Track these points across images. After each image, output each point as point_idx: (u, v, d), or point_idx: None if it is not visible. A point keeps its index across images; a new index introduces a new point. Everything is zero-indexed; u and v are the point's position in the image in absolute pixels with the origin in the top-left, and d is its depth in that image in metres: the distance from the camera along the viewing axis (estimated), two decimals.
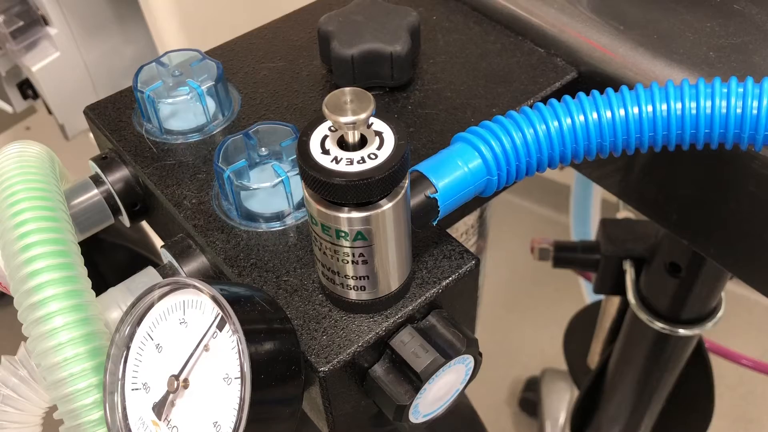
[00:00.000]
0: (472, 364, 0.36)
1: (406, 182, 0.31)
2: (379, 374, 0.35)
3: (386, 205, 0.30)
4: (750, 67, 0.42)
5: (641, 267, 0.68)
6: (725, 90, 0.33)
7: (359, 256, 0.32)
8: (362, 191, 0.29)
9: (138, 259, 0.57)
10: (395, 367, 0.35)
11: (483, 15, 0.51)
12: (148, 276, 0.40)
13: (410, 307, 0.35)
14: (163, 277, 0.40)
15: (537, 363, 1.48)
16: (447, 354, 0.34)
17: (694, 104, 0.34)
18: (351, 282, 0.33)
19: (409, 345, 0.34)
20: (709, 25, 0.45)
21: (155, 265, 0.42)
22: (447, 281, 0.36)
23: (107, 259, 0.57)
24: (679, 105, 0.34)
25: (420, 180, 0.34)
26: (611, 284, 0.71)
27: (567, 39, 0.47)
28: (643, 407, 0.77)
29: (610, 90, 0.36)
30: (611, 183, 0.52)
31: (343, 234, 0.31)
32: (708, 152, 0.42)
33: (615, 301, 0.78)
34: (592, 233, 1.10)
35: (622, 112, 0.35)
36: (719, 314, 0.65)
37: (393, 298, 0.35)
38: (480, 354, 0.36)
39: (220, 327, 0.31)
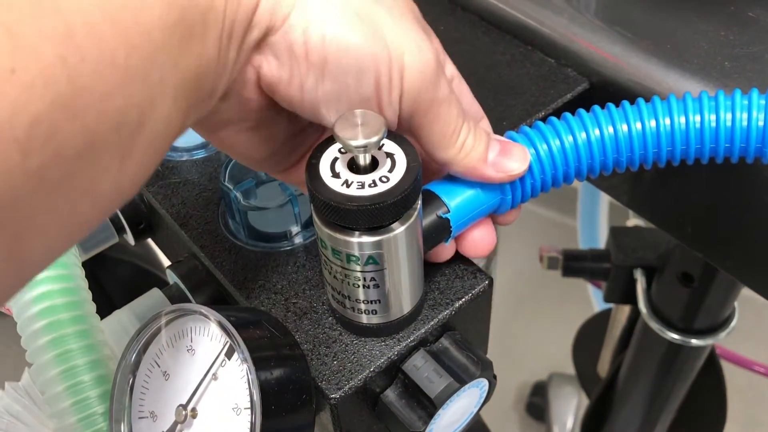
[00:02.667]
0: (486, 388, 0.35)
1: (419, 204, 0.30)
2: (391, 399, 0.34)
3: (398, 229, 0.29)
4: (765, 77, 0.41)
5: (652, 276, 0.67)
6: (763, 102, 0.32)
7: (371, 281, 0.31)
8: (375, 216, 0.28)
9: (143, 274, 0.57)
10: (408, 392, 0.34)
11: (491, 25, 0.50)
12: (153, 298, 0.39)
13: (423, 330, 0.34)
14: (169, 299, 0.39)
15: (544, 367, 1.47)
16: (461, 379, 0.33)
17: (729, 115, 0.33)
18: (362, 306, 0.32)
19: (422, 369, 0.33)
20: (724, 34, 0.44)
21: (161, 283, 0.41)
22: (460, 302, 0.35)
23: (112, 276, 0.56)
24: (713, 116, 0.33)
25: (431, 199, 0.33)
26: (622, 293, 0.70)
27: (578, 49, 0.46)
28: (655, 417, 0.76)
29: (625, 102, 0.35)
30: (620, 193, 0.51)
31: (354, 258, 0.30)
32: (722, 165, 0.42)
33: (625, 310, 0.77)
34: (600, 238, 1.09)
35: (638, 125, 0.34)
36: (732, 324, 0.64)
37: (405, 321, 0.34)
38: (495, 377, 0.35)
39: (229, 355, 0.30)
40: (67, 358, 0.34)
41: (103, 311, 0.39)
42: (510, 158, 0.32)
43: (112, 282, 0.57)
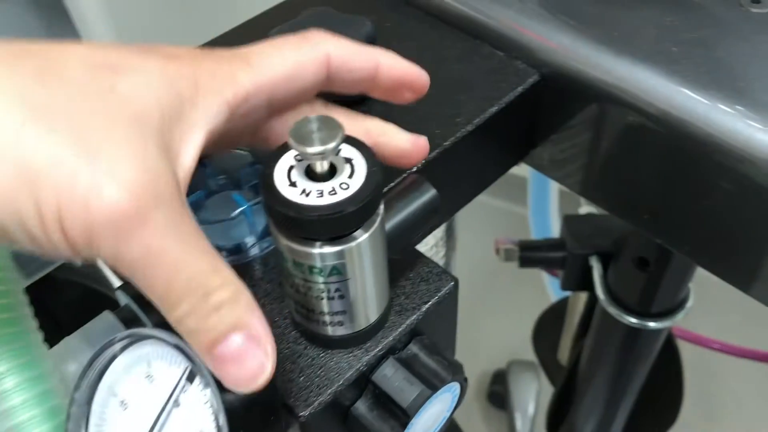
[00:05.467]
0: (458, 391, 0.35)
1: (381, 209, 0.29)
2: (362, 412, 0.33)
3: (362, 237, 0.28)
4: (714, 61, 0.42)
5: (608, 262, 0.67)
6: None
7: (335, 292, 0.30)
8: (337, 225, 0.27)
9: (93, 295, 0.54)
10: (379, 403, 0.33)
11: (438, 19, 0.50)
12: (105, 322, 0.37)
13: (391, 338, 0.33)
14: (122, 322, 0.37)
15: (502, 355, 1.48)
16: (433, 385, 0.32)
17: None
18: (327, 318, 0.31)
19: (392, 378, 0.33)
20: (669, 20, 0.44)
21: (112, 304, 0.39)
22: (427, 306, 0.34)
23: (59, 299, 0.54)
24: None
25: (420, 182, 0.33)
26: (578, 280, 0.70)
27: (526, 41, 0.46)
28: (617, 400, 0.77)
29: None
30: (573, 183, 0.51)
31: (316, 270, 0.29)
32: (671, 151, 0.42)
33: (582, 297, 0.78)
34: (552, 226, 1.10)
35: None
36: (689, 305, 0.65)
37: (372, 329, 0.33)
38: (465, 379, 0.35)
39: (190, 379, 0.29)
40: (14, 392, 0.32)
41: (52, 337, 0.36)
42: (237, 365, 0.25)
43: (60, 305, 0.54)
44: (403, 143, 0.34)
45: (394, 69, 0.33)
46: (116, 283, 0.42)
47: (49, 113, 0.23)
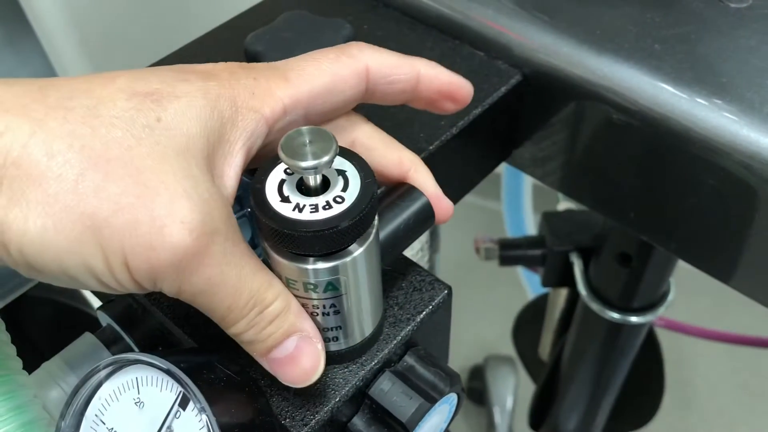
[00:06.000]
0: (455, 402, 0.34)
1: (376, 221, 0.28)
2: (359, 427, 0.32)
3: (357, 251, 0.27)
4: (695, 58, 0.42)
5: (588, 258, 0.67)
6: None
7: (330, 307, 0.29)
8: (332, 240, 0.26)
9: (67, 312, 0.52)
10: (377, 418, 0.32)
11: (415, 20, 0.49)
12: (86, 344, 0.35)
13: (386, 351, 0.32)
14: (104, 343, 0.36)
15: (478, 351, 1.48)
16: (431, 397, 0.32)
17: None
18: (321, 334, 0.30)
19: (390, 393, 0.32)
20: (650, 16, 0.44)
21: (88, 320, 0.37)
22: (421, 316, 0.33)
23: (31, 317, 0.52)
24: None
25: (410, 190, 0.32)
26: (559, 277, 0.70)
27: (507, 40, 0.45)
28: (600, 395, 0.77)
29: None
30: (556, 181, 0.50)
31: (311, 286, 0.28)
32: (658, 146, 0.42)
33: (563, 293, 0.78)
34: (526, 222, 1.10)
35: None
36: (670, 298, 0.65)
37: (367, 343, 0.32)
38: (463, 389, 0.34)
39: (183, 405, 0.28)
40: None
41: (27, 358, 0.35)
42: (293, 365, 0.28)
43: (32, 324, 0.52)
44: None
45: (435, 79, 0.32)
46: (91, 299, 0.41)
47: (103, 160, 0.23)
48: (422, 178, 0.32)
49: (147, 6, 0.89)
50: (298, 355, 0.27)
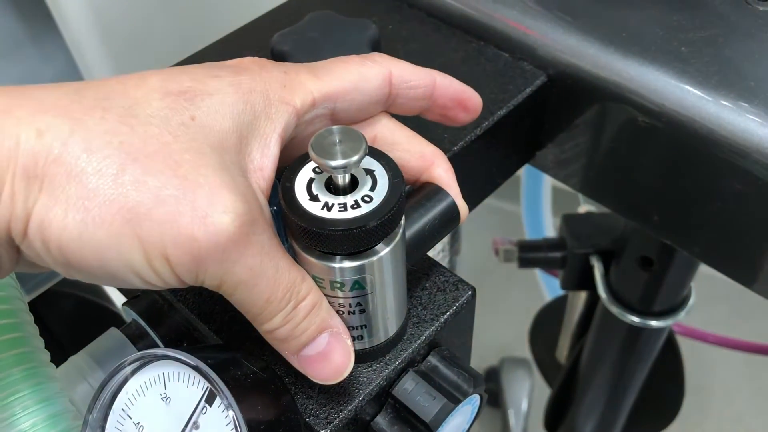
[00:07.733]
0: (478, 403, 0.34)
1: (403, 221, 0.28)
2: (383, 426, 0.32)
3: (384, 250, 0.27)
4: (722, 60, 0.41)
5: (609, 261, 0.67)
6: None
7: (356, 306, 0.29)
8: (360, 239, 0.26)
9: (89, 307, 0.53)
10: (400, 417, 0.32)
11: (440, 21, 0.49)
12: (112, 339, 0.36)
13: (410, 351, 0.32)
14: (129, 338, 0.36)
15: (493, 353, 1.48)
16: (455, 398, 0.32)
17: None
18: None
19: (413, 393, 0.32)
20: (676, 19, 0.44)
21: (109, 315, 0.38)
22: (445, 316, 0.33)
23: (54, 312, 0.52)
24: None
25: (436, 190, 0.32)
26: (579, 280, 0.70)
27: (532, 41, 0.45)
28: (618, 399, 0.77)
29: None
30: (579, 183, 0.50)
31: (338, 285, 0.28)
32: (684, 150, 0.41)
33: (581, 295, 0.77)
34: (545, 224, 1.10)
35: None
36: (690, 302, 0.65)
37: (391, 343, 0.32)
38: (486, 390, 0.34)
39: (210, 401, 0.28)
40: (24, 416, 0.31)
41: (50, 350, 0.35)
42: (325, 362, 0.28)
43: (55, 318, 0.53)
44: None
45: (450, 87, 0.33)
46: (113, 295, 0.41)
47: (143, 155, 0.24)
48: (443, 174, 0.33)
49: (172, 4, 0.90)
50: (329, 352, 0.27)
